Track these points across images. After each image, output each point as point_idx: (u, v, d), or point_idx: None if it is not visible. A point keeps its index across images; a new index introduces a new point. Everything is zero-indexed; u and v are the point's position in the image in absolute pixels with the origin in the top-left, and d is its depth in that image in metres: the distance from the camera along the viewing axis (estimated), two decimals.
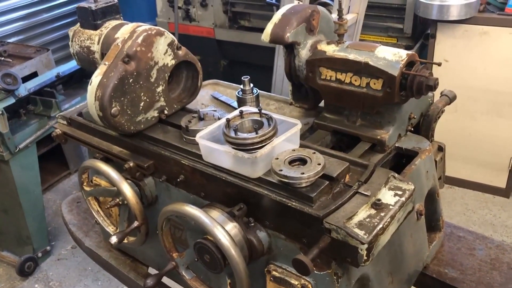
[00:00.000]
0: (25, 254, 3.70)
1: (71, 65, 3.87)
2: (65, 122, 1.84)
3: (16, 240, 3.75)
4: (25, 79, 3.55)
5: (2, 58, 3.63)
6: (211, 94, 2.04)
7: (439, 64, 1.52)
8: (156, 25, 1.61)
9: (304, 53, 1.62)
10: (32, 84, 3.55)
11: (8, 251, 3.81)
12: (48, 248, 3.86)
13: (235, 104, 1.87)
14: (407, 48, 3.94)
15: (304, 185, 1.24)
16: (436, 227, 1.80)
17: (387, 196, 1.25)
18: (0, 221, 3.73)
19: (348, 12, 3.52)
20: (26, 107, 3.66)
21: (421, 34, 4.09)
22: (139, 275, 1.89)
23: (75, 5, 1.73)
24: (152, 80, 1.56)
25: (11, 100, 3.33)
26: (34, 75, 3.69)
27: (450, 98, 1.73)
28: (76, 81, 4.02)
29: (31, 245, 3.73)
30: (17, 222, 3.63)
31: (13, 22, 4.99)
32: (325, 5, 3.34)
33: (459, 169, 4.10)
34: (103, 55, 1.63)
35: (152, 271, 1.92)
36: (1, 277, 3.76)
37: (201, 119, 1.55)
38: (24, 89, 3.44)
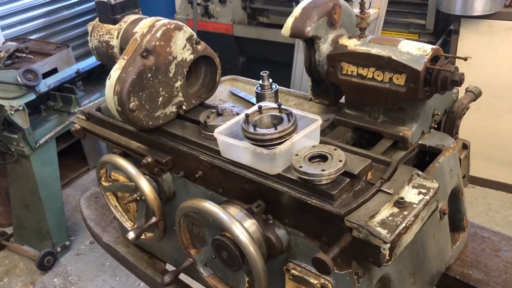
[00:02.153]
0: (45, 249, 3.74)
1: (91, 62, 3.91)
2: (84, 117, 1.85)
3: (36, 235, 3.80)
4: (46, 75, 3.60)
5: (24, 55, 3.67)
6: (229, 90, 2.02)
7: (465, 59, 1.47)
8: None
9: (324, 47, 1.58)
10: (52, 80, 3.59)
11: (28, 246, 3.86)
12: (67, 243, 3.91)
13: (253, 100, 1.85)
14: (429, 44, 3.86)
15: (324, 182, 1.21)
16: (459, 227, 1.75)
17: (410, 194, 1.21)
18: (21, 216, 3.79)
19: (369, 7, 3.47)
20: (46, 103, 3.71)
21: (443, 30, 4.01)
22: (157, 272, 1.88)
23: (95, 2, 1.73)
24: (171, 75, 1.55)
25: (32, 96, 3.38)
26: (54, 71, 3.73)
27: (476, 95, 1.68)
28: (95, 77, 4.06)
29: (51, 240, 3.77)
30: (37, 217, 3.68)
31: (34, 19, 5.06)
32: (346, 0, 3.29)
33: (481, 168, 4.00)
34: (122, 50, 1.62)
35: (169, 267, 1.91)
36: (22, 271, 3.81)
37: (219, 114, 1.53)
38: (44, 85, 3.48)
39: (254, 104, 1.72)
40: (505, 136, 3.83)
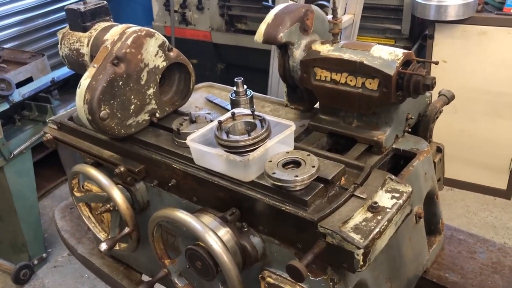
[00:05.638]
0: (21, 262, 3.64)
1: (66, 70, 3.84)
2: (55, 127, 1.81)
3: (11, 248, 3.70)
4: (20, 84, 3.52)
5: None
6: (205, 96, 2.01)
7: (436, 63, 1.49)
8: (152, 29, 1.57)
9: (298, 53, 1.58)
10: (26, 90, 3.52)
11: (3, 259, 3.76)
12: (44, 255, 3.81)
13: (229, 106, 1.84)
14: (405, 49, 3.90)
15: (298, 188, 1.20)
16: (435, 230, 1.75)
17: (384, 199, 1.21)
18: None
19: (344, 13, 3.49)
20: (21, 112, 3.63)
21: (419, 35, 4.05)
22: (132, 283, 1.85)
23: None
24: (143, 82, 1.52)
25: (5, 106, 3.30)
26: (29, 80, 3.66)
27: (449, 98, 1.69)
28: (71, 86, 3.98)
29: (27, 253, 3.68)
30: (13, 229, 3.59)
31: (8, 27, 4.96)
32: (321, 6, 3.31)
33: (459, 171, 4.05)
34: (92, 58, 1.60)
35: (146, 278, 1.88)
36: None
37: (192, 121, 1.51)
38: (18, 95, 3.40)
39: (229, 111, 1.71)
40: (481, 139, 3.88)
